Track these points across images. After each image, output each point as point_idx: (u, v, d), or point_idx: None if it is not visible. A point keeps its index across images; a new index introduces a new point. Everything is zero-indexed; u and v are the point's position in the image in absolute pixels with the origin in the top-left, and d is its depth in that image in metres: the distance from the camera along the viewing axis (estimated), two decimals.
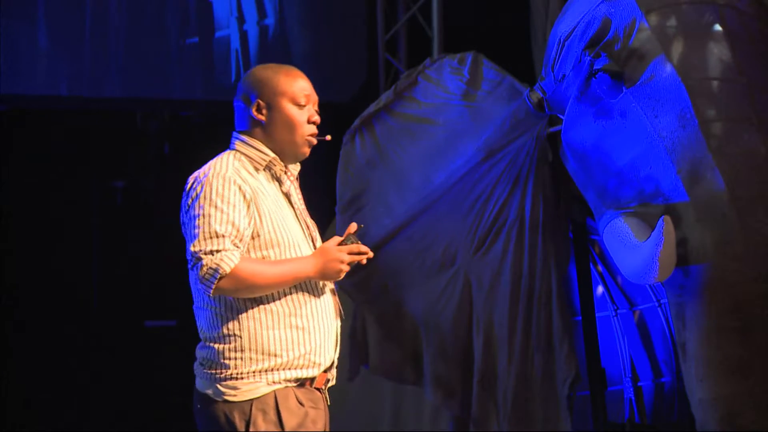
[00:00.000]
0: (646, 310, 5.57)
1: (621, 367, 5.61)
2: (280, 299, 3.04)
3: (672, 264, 3.54)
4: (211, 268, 2.93)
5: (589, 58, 3.89)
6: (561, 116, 4.19)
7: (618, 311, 5.62)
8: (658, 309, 5.46)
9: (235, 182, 3.03)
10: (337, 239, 3.11)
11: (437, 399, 4.72)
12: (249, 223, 3.02)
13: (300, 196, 3.22)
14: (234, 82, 7.04)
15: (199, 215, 2.99)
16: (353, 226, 3.13)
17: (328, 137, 3.27)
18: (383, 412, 5.24)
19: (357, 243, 3.10)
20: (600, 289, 5.57)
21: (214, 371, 3.02)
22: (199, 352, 3.08)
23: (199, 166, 3.20)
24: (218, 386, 3.01)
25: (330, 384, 3.18)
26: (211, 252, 2.94)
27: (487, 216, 4.55)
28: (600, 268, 5.55)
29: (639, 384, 5.56)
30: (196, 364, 3.09)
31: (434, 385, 4.68)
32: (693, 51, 3.76)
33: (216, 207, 2.98)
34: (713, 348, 3.55)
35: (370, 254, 3.12)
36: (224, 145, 3.25)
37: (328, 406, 3.19)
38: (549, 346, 4.50)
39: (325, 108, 3.26)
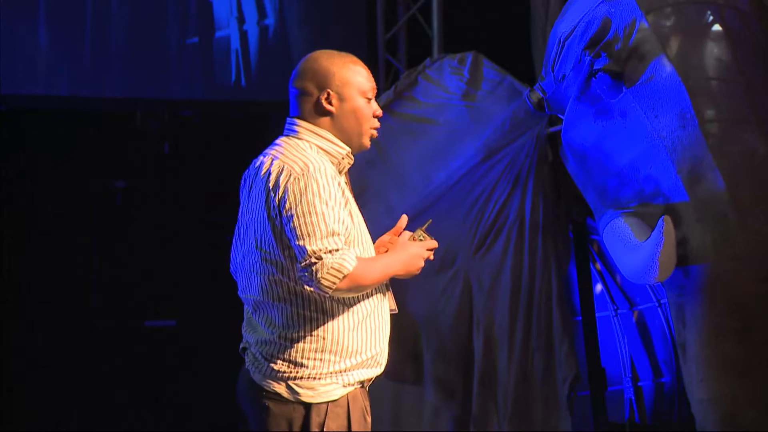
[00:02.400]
0: (646, 310, 5.57)
1: (621, 367, 5.61)
2: (362, 300, 2.98)
3: (672, 264, 3.54)
4: (333, 268, 2.84)
5: (589, 58, 3.89)
6: (561, 116, 4.19)
7: (618, 311, 5.62)
8: (658, 309, 5.46)
9: (334, 178, 2.94)
10: (408, 234, 3.05)
11: (437, 399, 4.72)
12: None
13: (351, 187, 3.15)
14: (234, 82, 7.04)
15: (310, 212, 2.87)
16: (404, 219, 3.08)
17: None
18: (383, 412, 5.23)
19: (431, 239, 3.04)
20: (599, 287, 5.57)
21: (287, 370, 2.93)
22: (265, 347, 2.97)
23: (199, 166, 3.14)
24: (292, 385, 2.93)
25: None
26: (331, 251, 2.85)
27: (487, 216, 4.55)
28: (599, 266, 5.55)
29: (639, 384, 5.56)
30: (252, 357, 3.00)
31: (434, 385, 4.69)
32: (693, 51, 3.76)
33: (327, 204, 2.88)
34: (713, 348, 3.55)
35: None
36: (224, 144, 3.22)
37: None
38: (549, 346, 4.50)
39: None
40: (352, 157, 3.07)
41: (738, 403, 3.53)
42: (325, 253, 2.85)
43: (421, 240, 3.04)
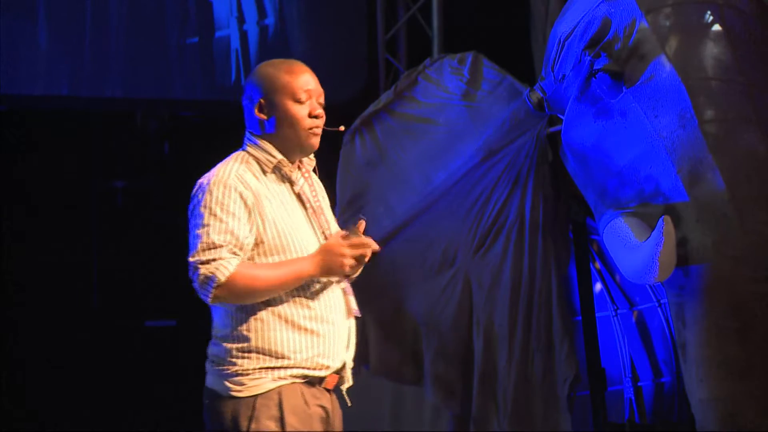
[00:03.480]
0: (646, 310, 5.57)
1: (621, 367, 5.61)
2: (288, 301, 3.05)
3: (672, 264, 3.54)
4: (207, 277, 2.96)
5: (589, 58, 3.89)
6: (561, 116, 4.19)
7: (618, 311, 5.62)
8: (658, 309, 5.46)
9: (236, 189, 3.02)
10: (340, 233, 3.10)
11: (437, 399, 4.72)
12: (251, 231, 3.02)
13: (314, 192, 3.20)
14: (234, 82, 7.04)
15: (198, 225, 3.01)
16: (361, 224, 3.12)
17: (341, 128, 3.26)
18: (383, 412, 5.24)
19: (361, 236, 3.08)
20: (598, 287, 5.57)
21: (221, 368, 3.05)
22: (210, 349, 3.12)
23: (199, 166, 3.19)
24: (225, 382, 3.04)
25: (346, 385, 3.18)
26: (207, 262, 2.97)
27: (487, 216, 4.55)
28: (599, 265, 5.55)
29: (639, 384, 5.56)
30: (207, 362, 3.13)
31: (434, 385, 4.68)
32: (693, 51, 3.76)
33: (215, 216, 3.00)
34: (713, 348, 3.55)
35: (375, 246, 3.10)
36: (224, 144, 3.25)
37: (347, 406, 3.18)
38: (549, 346, 4.49)
39: (325, 108, 3.25)
40: (289, 164, 3.14)
41: (738, 403, 3.52)
42: (200, 264, 2.97)
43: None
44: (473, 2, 7.17)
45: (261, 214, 3.03)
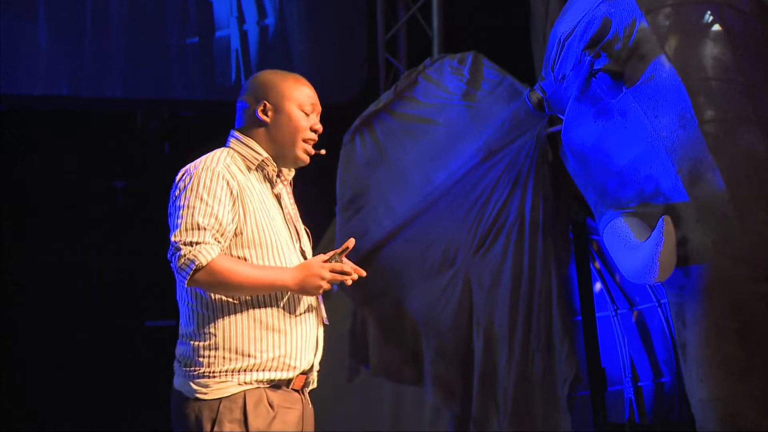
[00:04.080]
0: (646, 310, 5.57)
1: (621, 367, 5.61)
2: (257, 300, 3.05)
3: (672, 264, 3.54)
4: (188, 258, 2.97)
5: (589, 58, 3.89)
6: (561, 116, 4.19)
7: (618, 311, 5.62)
8: (658, 309, 5.46)
9: (223, 177, 3.04)
10: (323, 256, 3.09)
11: (437, 399, 4.72)
12: (233, 219, 3.03)
13: (292, 201, 3.22)
14: (234, 82, 7.04)
15: (183, 206, 3.03)
16: (351, 242, 3.10)
17: (323, 151, 3.26)
18: (383, 413, 5.24)
19: (341, 262, 3.06)
20: (598, 287, 5.57)
21: (188, 368, 3.05)
22: (176, 349, 3.12)
23: None
24: (191, 384, 3.04)
25: (311, 387, 3.17)
26: (191, 243, 2.98)
27: (487, 216, 4.55)
28: (598, 265, 5.54)
29: (639, 384, 5.56)
30: (174, 361, 3.13)
31: (434, 385, 4.69)
32: (693, 51, 3.76)
33: (201, 199, 3.01)
34: (713, 348, 3.55)
35: (355, 276, 3.07)
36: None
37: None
38: (549, 346, 4.50)
39: (325, 108, 3.26)
40: (275, 164, 3.15)
41: (738, 403, 3.52)
42: (184, 244, 2.99)
43: (332, 262, 3.06)
44: (473, 2, 7.17)
45: (243, 206, 3.05)
